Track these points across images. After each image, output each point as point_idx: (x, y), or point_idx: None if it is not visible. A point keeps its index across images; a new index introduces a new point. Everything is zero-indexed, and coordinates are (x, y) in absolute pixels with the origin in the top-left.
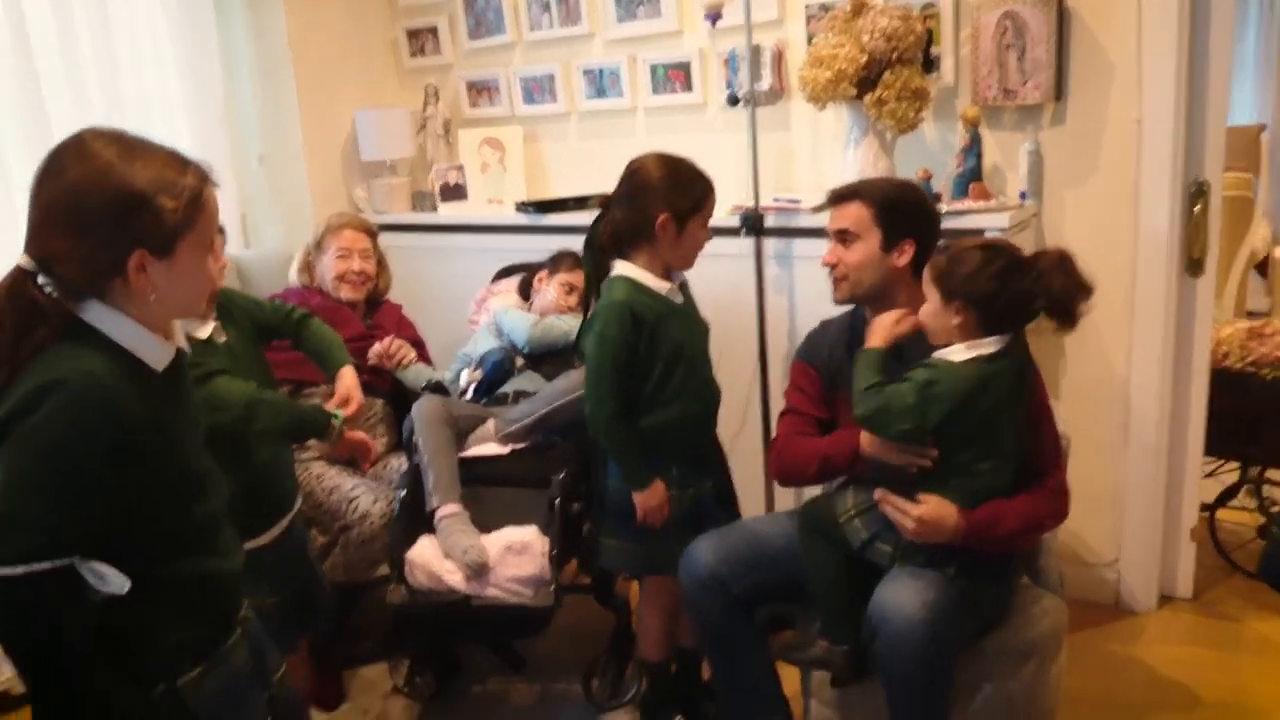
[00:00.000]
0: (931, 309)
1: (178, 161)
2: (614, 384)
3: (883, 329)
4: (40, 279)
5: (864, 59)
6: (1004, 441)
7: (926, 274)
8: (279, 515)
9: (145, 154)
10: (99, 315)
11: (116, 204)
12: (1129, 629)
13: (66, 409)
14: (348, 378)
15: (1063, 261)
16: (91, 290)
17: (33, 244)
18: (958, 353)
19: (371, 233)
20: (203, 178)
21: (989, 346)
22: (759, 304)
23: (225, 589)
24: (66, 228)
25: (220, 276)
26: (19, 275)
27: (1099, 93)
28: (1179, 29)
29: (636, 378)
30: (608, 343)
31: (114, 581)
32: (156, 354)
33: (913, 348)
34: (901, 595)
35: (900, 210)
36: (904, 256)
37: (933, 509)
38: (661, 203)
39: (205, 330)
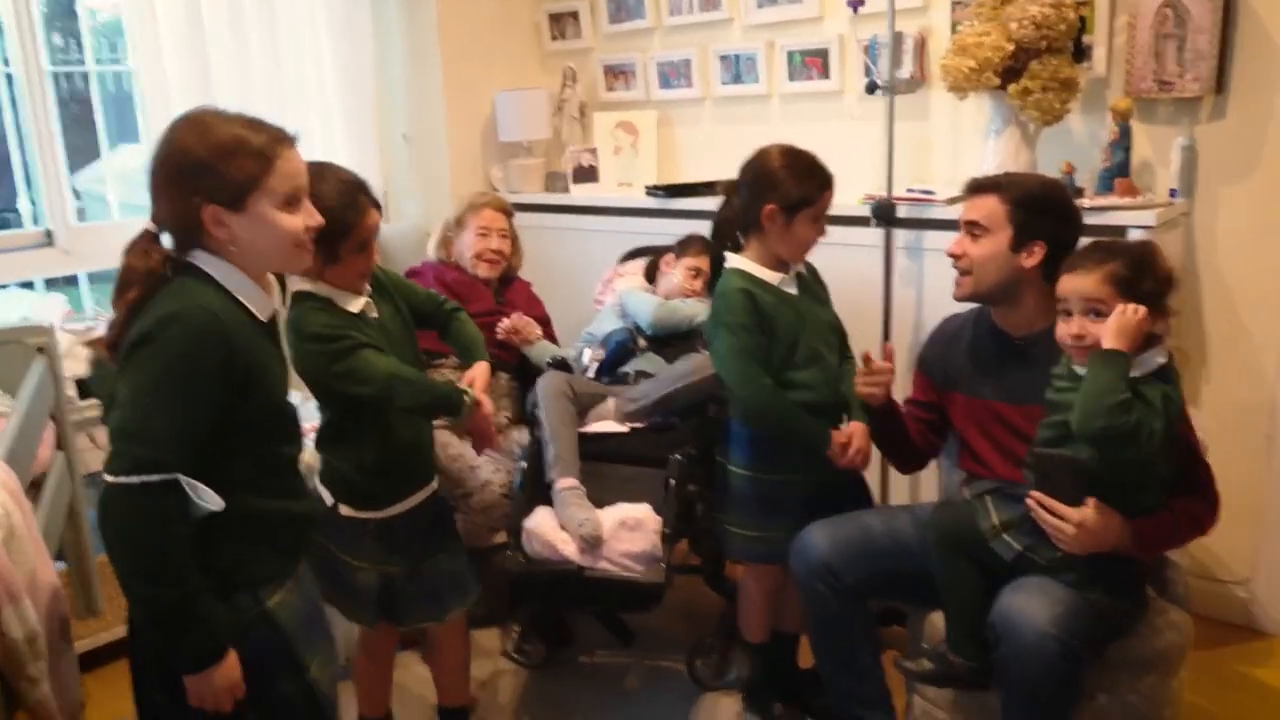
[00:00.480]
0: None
1: (252, 125)
2: (758, 361)
3: (1129, 328)
4: (160, 238)
5: (1010, 48)
6: (1171, 456)
7: (1107, 289)
8: (412, 489)
9: (223, 123)
10: (209, 262)
11: (188, 163)
12: (1260, 651)
13: (183, 337)
14: (482, 372)
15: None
16: (191, 243)
17: (152, 206)
18: (1152, 362)
19: (508, 212)
20: (276, 139)
21: (1164, 355)
22: (885, 295)
23: (297, 528)
24: (160, 187)
25: (371, 257)
26: (144, 235)
27: (1265, 86)
28: None
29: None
30: (737, 328)
31: (211, 500)
32: (259, 304)
33: (1050, 348)
34: (1031, 607)
35: (1037, 209)
36: (1032, 258)
37: (1095, 515)
38: (771, 193)
39: (357, 304)
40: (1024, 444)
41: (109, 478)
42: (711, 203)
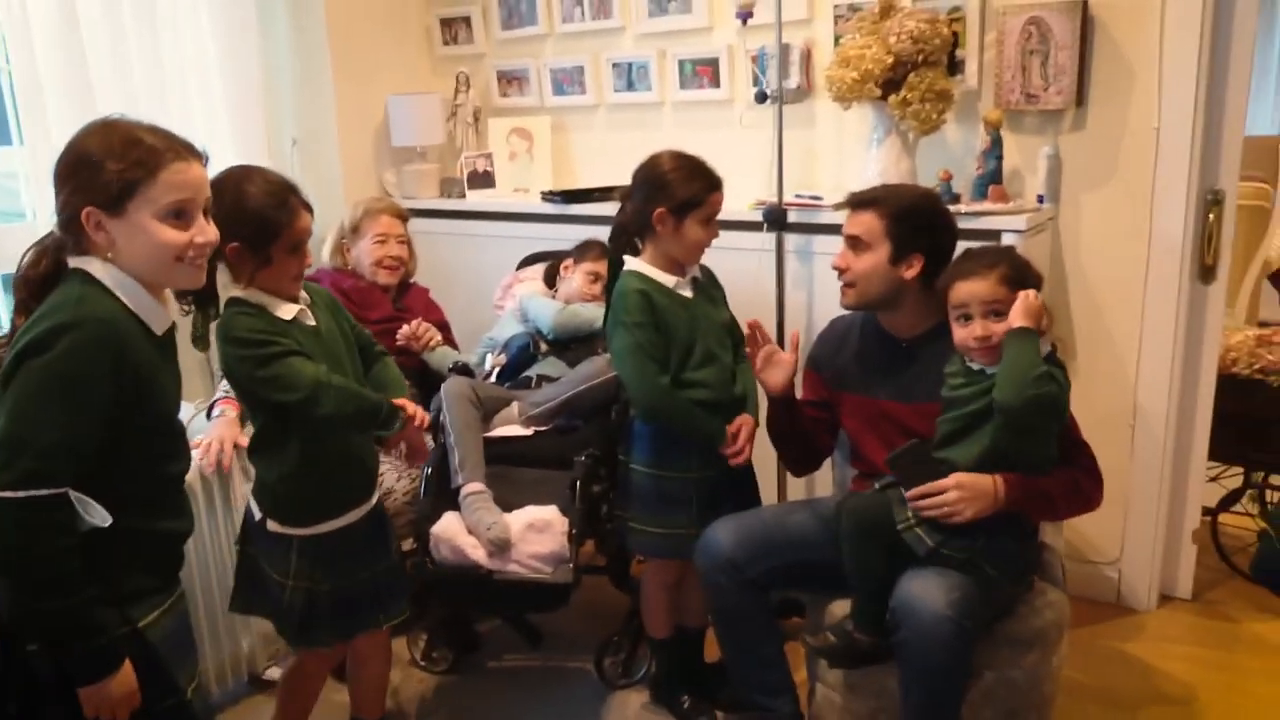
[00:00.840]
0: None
1: (153, 133)
2: (654, 361)
3: (1034, 309)
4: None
5: (890, 60)
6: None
7: (1003, 290)
8: (342, 507)
9: (126, 128)
10: (102, 270)
11: (70, 163)
12: (1129, 626)
13: (72, 348)
14: (408, 403)
15: None
16: (75, 245)
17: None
18: (1043, 349)
19: (405, 217)
20: (170, 149)
21: (1049, 343)
22: (778, 298)
23: (178, 547)
24: (55, 184)
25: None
26: (45, 236)
27: (1119, 100)
28: (1200, 39)
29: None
30: (635, 327)
31: (98, 515)
32: (154, 315)
33: (935, 348)
34: (929, 591)
35: (914, 224)
36: (912, 270)
37: (964, 477)
38: (660, 196)
39: (289, 311)
40: (904, 438)
41: None
42: (607, 208)
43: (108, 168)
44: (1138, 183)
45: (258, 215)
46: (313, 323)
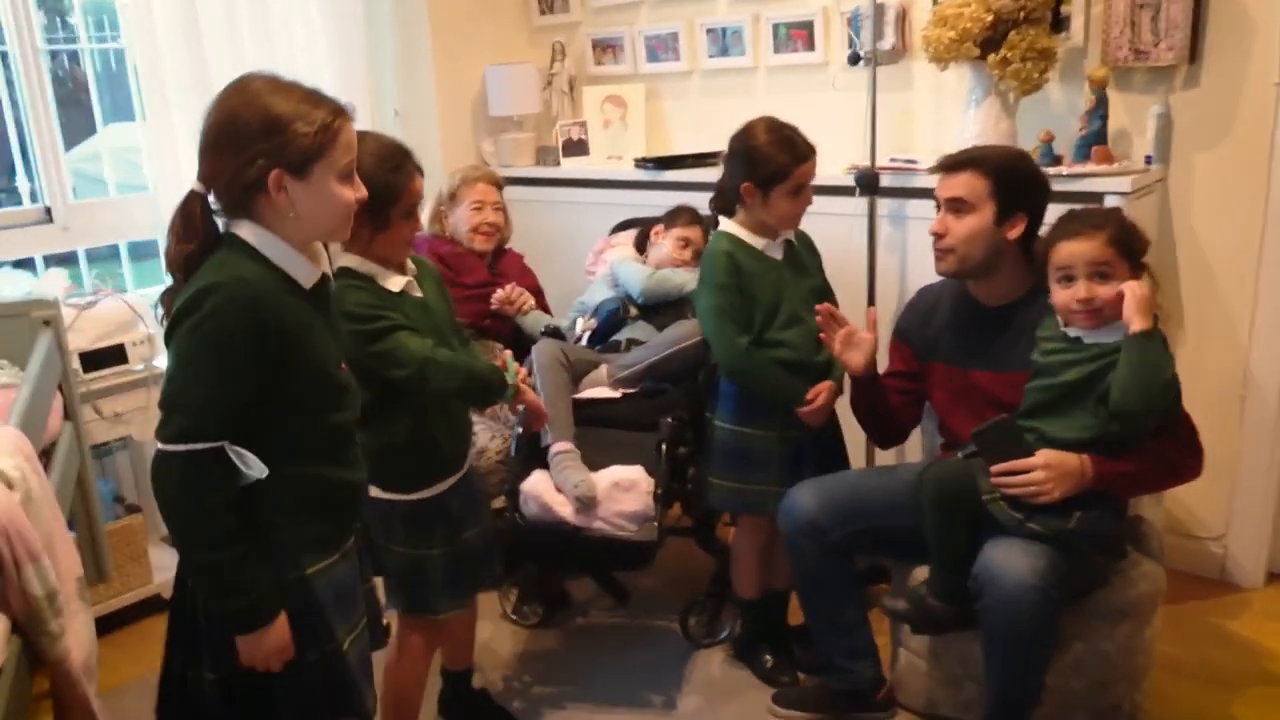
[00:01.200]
0: (1123, 282)
1: (315, 97)
2: (737, 321)
3: (1146, 303)
4: (208, 201)
5: (990, 18)
6: None
7: (1111, 251)
8: (442, 474)
9: (288, 89)
10: (252, 232)
11: (259, 125)
12: (1233, 604)
13: (218, 309)
14: (519, 368)
15: None
16: (244, 208)
17: (200, 168)
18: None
19: (500, 185)
20: (337, 112)
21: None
22: (870, 263)
23: (349, 498)
24: (220, 148)
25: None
26: (190, 197)
27: (1238, 55)
28: None
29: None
30: (719, 288)
31: (255, 467)
32: (303, 271)
33: (1024, 316)
34: (1013, 559)
35: (1017, 182)
36: (1015, 230)
37: (1050, 453)
38: (747, 170)
39: (398, 283)
40: (998, 406)
41: (159, 445)
42: (700, 174)
43: (298, 130)
44: (1255, 143)
45: (376, 179)
46: (419, 294)
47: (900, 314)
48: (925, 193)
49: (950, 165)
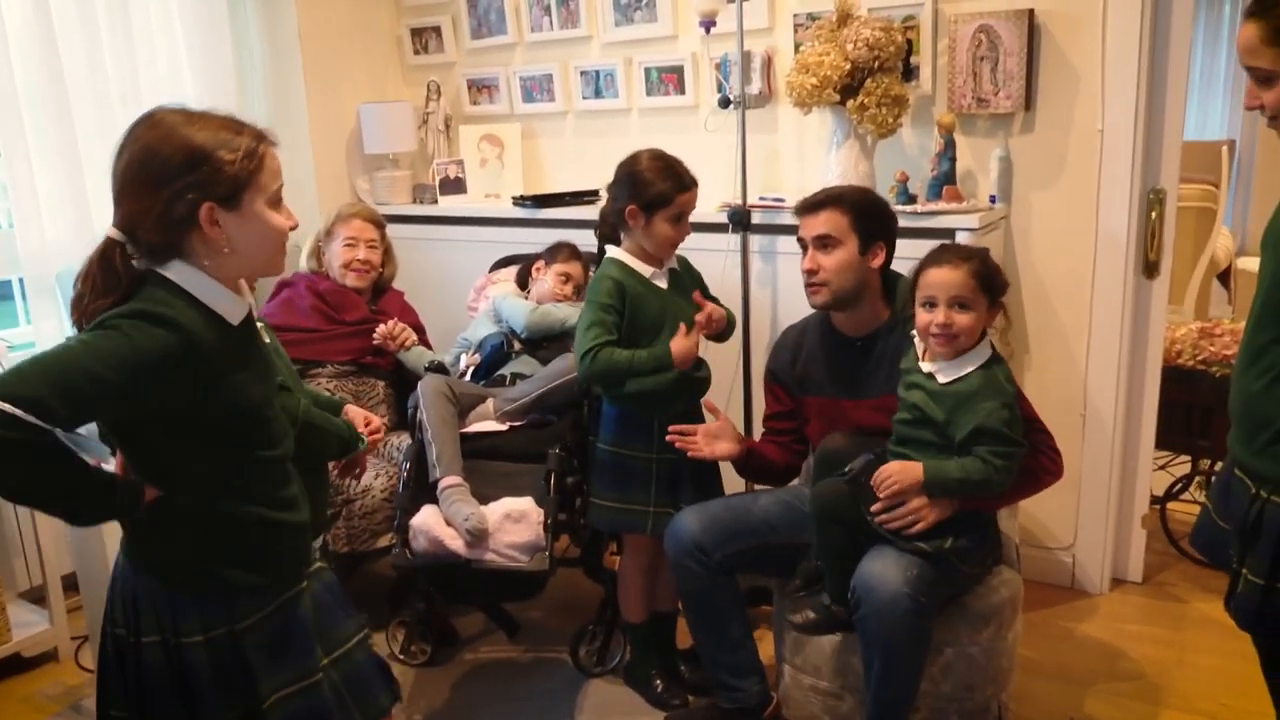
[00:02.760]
0: (979, 316)
1: (234, 124)
2: (600, 336)
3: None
4: (128, 248)
5: (847, 67)
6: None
7: (972, 284)
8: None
9: (204, 118)
10: (179, 272)
11: (181, 159)
12: (1083, 608)
13: (149, 327)
14: (354, 409)
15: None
16: (172, 249)
17: (117, 213)
18: (985, 351)
19: (379, 224)
20: (259, 137)
21: (989, 346)
22: (744, 296)
23: (287, 541)
24: (143, 187)
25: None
26: (108, 244)
27: (1065, 103)
28: (1140, 47)
29: (622, 345)
30: (598, 306)
31: (95, 450)
32: (232, 308)
33: (885, 345)
34: (888, 571)
35: (872, 215)
36: (877, 260)
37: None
38: (632, 194)
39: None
40: (867, 431)
41: None
42: (577, 211)
43: (223, 159)
44: (1084, 183)
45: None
46: (268, 339)
47: (769, 356)
48: (793, 229)
49: (811, 206)
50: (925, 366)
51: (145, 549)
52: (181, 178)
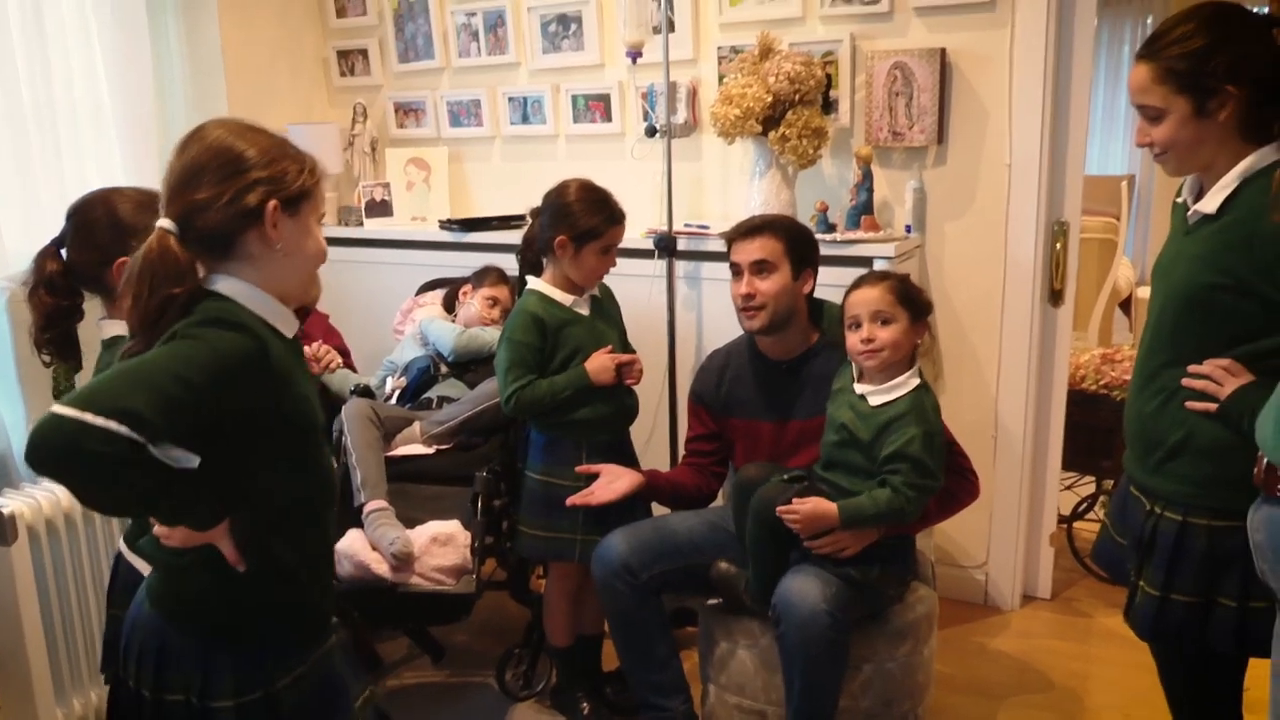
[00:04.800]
0: (901, 330)
1: (291, 144)
2: (521, 376)
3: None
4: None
5: (769, 99)
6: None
7: (890, 298)
8: None
9: (262, 132)
10: (232, 287)
11: (258, 153)
12: (995, 624)
13: (224, 332)
14: None
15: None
16: (227, 243)
17: (174, 204)
18: (915, 378)
19: None
20: (314, 160)
21: (917, 374)
22: (670, 320)
23: (325, 585)
24: (215, 175)
25: None
26: (162, 235)
27: (975, 138)
28: (1044, 86)
29: (545, 376)
30: (515, 345)
31: (181, 458)
32: (285, 320)
33: (812, 368)
34: (807, 588)
35: (804, 242)
36: (808, 285)
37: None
38: (562, 224)
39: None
40: (792, 452)
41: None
42: (504, 236)
43: (291, 167)
44: (993, 214)
45: (143, 226)
46: None
47: (694, 379)
48: (718, 255)
49: (746, 232)
50: (858, 388)
51: (186, 593)
52: (257, 170)
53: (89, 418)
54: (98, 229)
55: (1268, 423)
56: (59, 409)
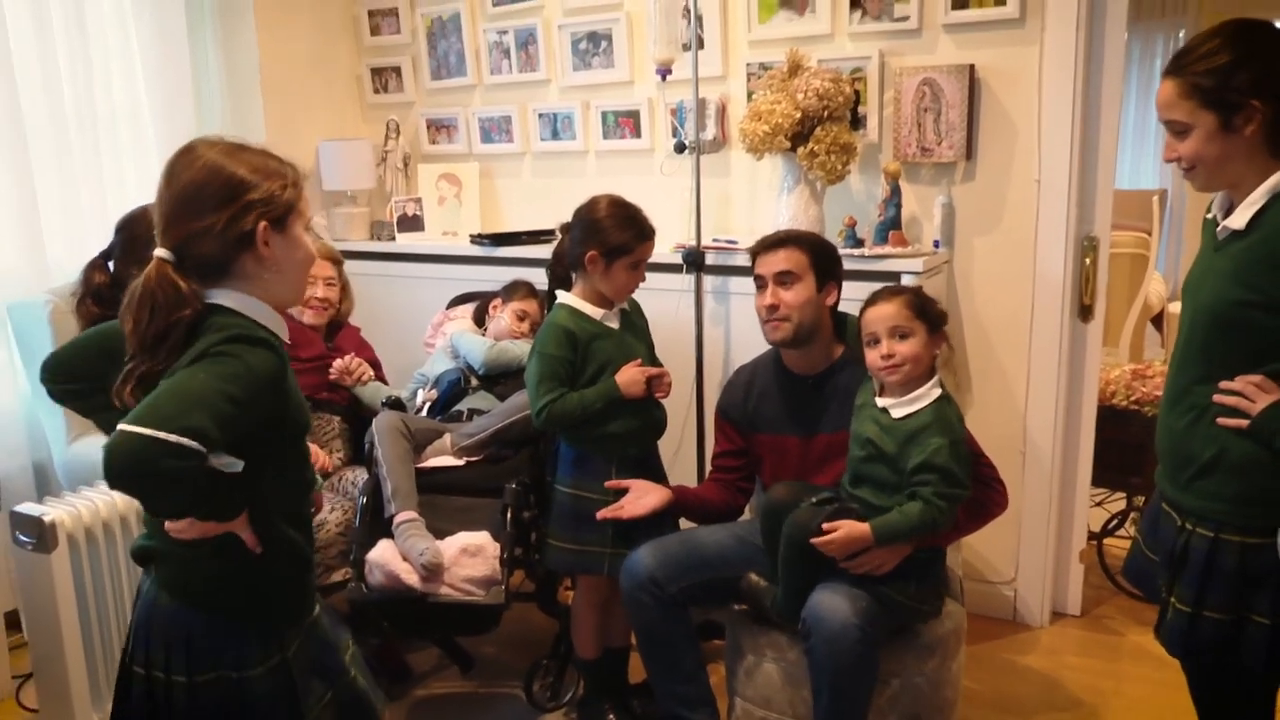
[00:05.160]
0: (920, 343)
1: (274, 156)
2: (552, 389)
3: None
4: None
5: (798, 115)
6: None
7: (906, 313)
8: None
9: (248, 149)
10: (235, 300)
11: (246, 177)
12: (1024, 641)
13: (251, 348)
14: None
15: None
16: (223, 268)
17: (169, 235)
18: (935, 389)
19: (337, 260)
20: (295, 169)
21: (938, 384)
22: (698, 334)
23: (310, 565)
24: (207, 204)
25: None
26: (161, 265)
27: (1004, 154)
28: (1074, 102)
29: (575, 389)
30: (546, 359)
31: (231, 463)
32: (281, 327)
33: (837, 382)
34: (837, 603)
35: (827, 256)
36: (832, 298)
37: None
38: (593, 240)
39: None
40: (819, 466)
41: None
42: (534, 250)
43: (276, 184)
44: (1022, 229)
45: None
46: None
47: (721, 394)
48: (745, 270)
49: (770, 244)
50: (880, 402)
51: (203, 579)
52: (245, 196)
53: (164, 435)
54: (145, 242)
55: None
56: (132, 428)
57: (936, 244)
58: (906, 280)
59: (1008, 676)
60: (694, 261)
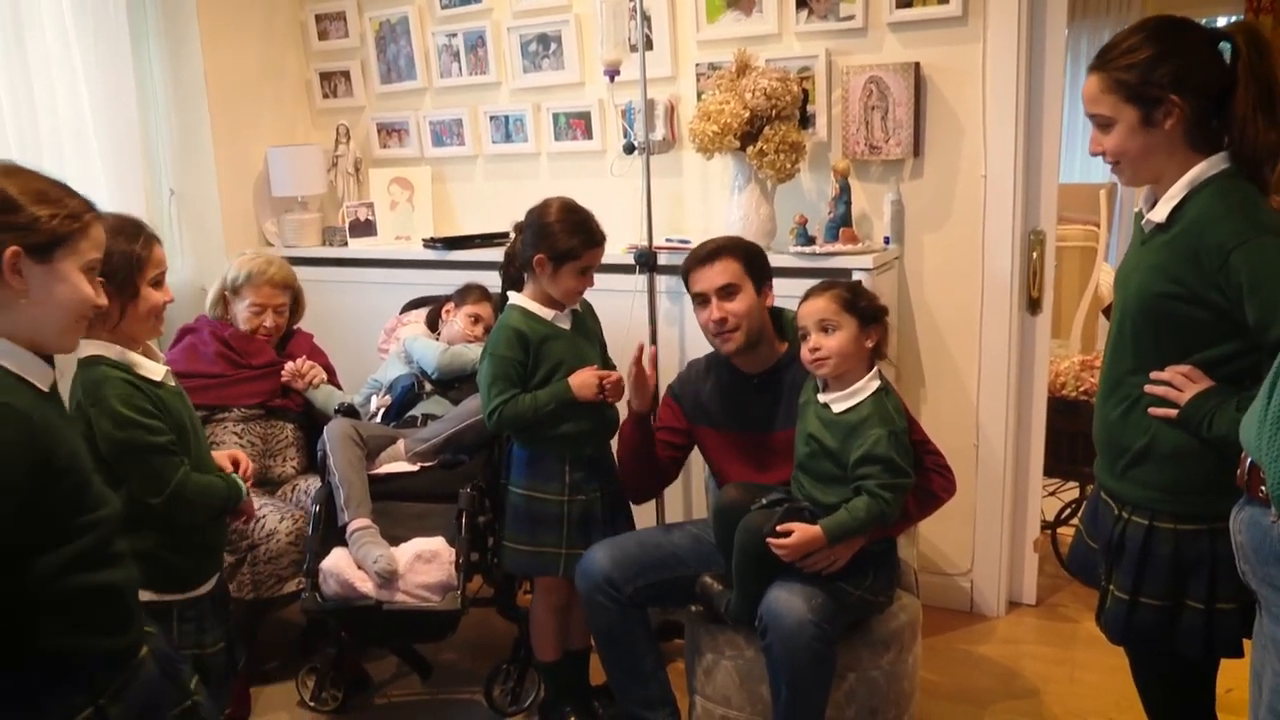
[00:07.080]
0: (848, 336)
1: (66, 188)
2: (504, 391)
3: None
4: None
5: (747, 115)
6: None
7: (834, 307)
8: (210, 573)
9: (33, 175)
10: None
11: (20, 193)
12: (981, 631)
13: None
14: (220, 455)
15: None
16: None
17: None
18: (875, 382)
19: (289, 286)
20: (89, 207)
21: (878, 376)
22: (652, 335)
23: (125, 600)
24: None
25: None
26: None
27: (951, 151)
28: (1017, 98)
29: (527, 390)
30: (498, 360)
31: None
32: (40, 371)
33: (783, 380)
34: (793, 600)
35: (758, 259)
36: (770, 298)
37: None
38: (542, 243)
39: (157, 371)
40: (769, 464)
41: None
42: (487, 254)
43: (41, 212)
44: (970, 225)
45: (117, 250)
46: (174, 383)
47: (676, 377)
48: None
49: (701, 259)
50: (821, 398)
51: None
52: (6, 214)
53: None
54: None
55: (1250, 424)
56: None
57: (887, 240)
58: (857, 277)
59: (965, 667)
60: (645, 262)
